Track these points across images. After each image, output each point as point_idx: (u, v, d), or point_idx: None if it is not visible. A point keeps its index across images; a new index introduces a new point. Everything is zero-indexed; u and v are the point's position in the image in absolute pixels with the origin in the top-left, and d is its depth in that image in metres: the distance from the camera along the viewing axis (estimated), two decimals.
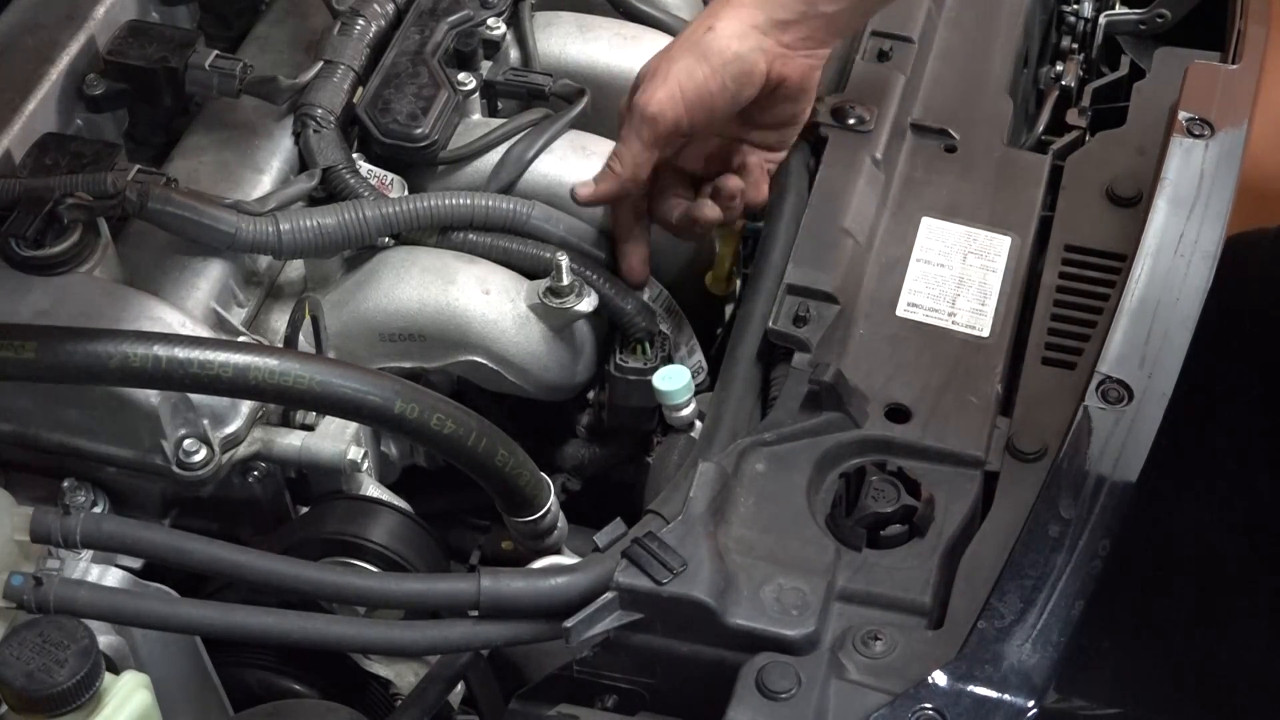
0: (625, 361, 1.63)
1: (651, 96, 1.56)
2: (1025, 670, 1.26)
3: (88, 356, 1.34)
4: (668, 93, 1.55)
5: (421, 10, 1.75)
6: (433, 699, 1.47)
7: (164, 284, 1.53)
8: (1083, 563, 1.31)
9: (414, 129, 1.64)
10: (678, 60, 1.56)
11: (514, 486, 1.46)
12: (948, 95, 1.74)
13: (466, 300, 1.59)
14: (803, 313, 1.52)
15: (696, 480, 1.38)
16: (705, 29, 1.56)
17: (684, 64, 1.56)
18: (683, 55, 1.56)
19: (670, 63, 1.56)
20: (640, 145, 1.58)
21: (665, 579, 1.31)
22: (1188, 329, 1.46)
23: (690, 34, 1.57)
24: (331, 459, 1.52)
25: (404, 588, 1.39)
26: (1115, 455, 1.38)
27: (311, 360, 1.39)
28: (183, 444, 1.46)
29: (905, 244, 1.59)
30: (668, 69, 1.56)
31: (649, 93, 1.56)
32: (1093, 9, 2.05)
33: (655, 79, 1.56)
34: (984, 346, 1.51)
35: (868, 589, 1.35)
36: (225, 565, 1.37)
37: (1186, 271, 1.50)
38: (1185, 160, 1.59)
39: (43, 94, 1.60)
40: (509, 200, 1.64)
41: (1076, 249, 1.60)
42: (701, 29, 1.56)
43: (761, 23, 1.55)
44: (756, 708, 1.26)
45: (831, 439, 1.43)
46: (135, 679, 1.29)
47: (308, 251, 1.57)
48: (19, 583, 1.31)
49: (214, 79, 1.62)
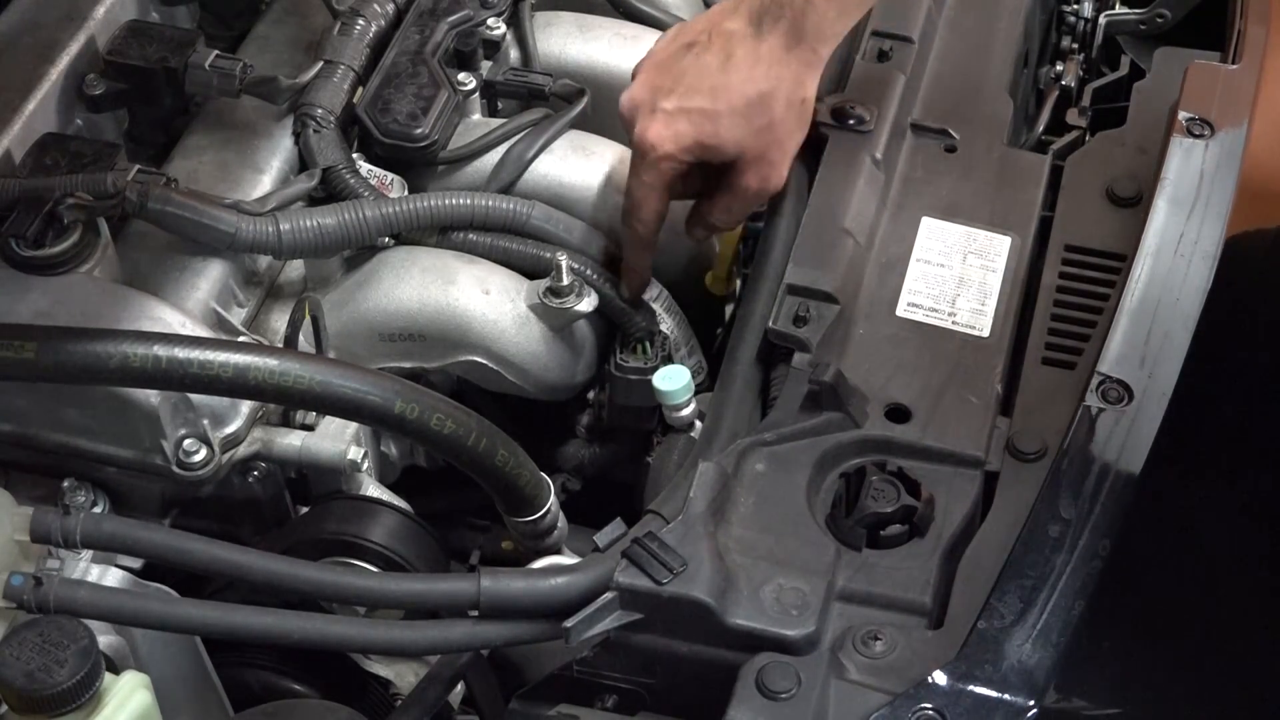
0: (625, 361, 1.63)
1: (780, 180, 1.58)
2: (1025, 670, 1.26)
3: (88, 356, 1.34)
4: (787, 170, 1.58)
5: (421, 10, 1.75)
6: (433, 699, 1.47)
7: (164, 284, 1.54)
8: (1083, 563, 1.31)
9: (414, 129, 1.64)
10: (793, 137, 1.56)
11: (514, 486, 1.46)
12: (948, 95, 1.74)
13: (466, 300, 1.59)
14: (803, 313, 1.51)
15: (696, 480, 1.38)
16: (800, 99, 1.54)
17: (796, 139, 1.57)
18: (795, 131, 1.56)
19: (785, 143, 1.56)
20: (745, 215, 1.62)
21: (665, 579, 1.31)
22: (1188, 329, 1.46)
23: (789, 104, 1.54)
24: (331, 459, 1.52)
25: (404, 588, 1.39)
26: (1115, 455, 1.38)
27: (311, 360, 1.39)
28: (183, 444, 1.47)
29: (905, 244, 1.59)
30: (783, 151, 1.56)
31: (778, 177, 1.57)
32: (1093, 9, 2.05)
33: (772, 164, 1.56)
34: (984, 346, 1.51)
35: (868, 589, 1.35)
36: (225, 565, 1.37)
37: (1186, 271, 1.50)
38: (1185, 160, 1.59)
39: (43, 94, 1.60)
40: (509, 200, 1.64)
41: (1076, 249, 1.60)
42: (797, 99, 1.54)
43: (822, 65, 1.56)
44: (756, 708, 1.26)
45: (831, 439, 1.43)
46: (135, 679, 1.29)
47: (308, 251, 1.57)
48: (19, 583, 1.31)
49: (214, 79, 1.63)
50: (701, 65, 1.54)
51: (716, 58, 1.53)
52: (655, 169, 1.55)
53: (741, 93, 1.52)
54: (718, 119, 1.53)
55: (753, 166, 1.55)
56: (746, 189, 1.57)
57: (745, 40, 1.53)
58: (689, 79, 1.54)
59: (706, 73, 1.53)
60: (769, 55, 1.52)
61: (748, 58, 1.52)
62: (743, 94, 1.52)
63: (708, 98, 1.53)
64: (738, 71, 1.52)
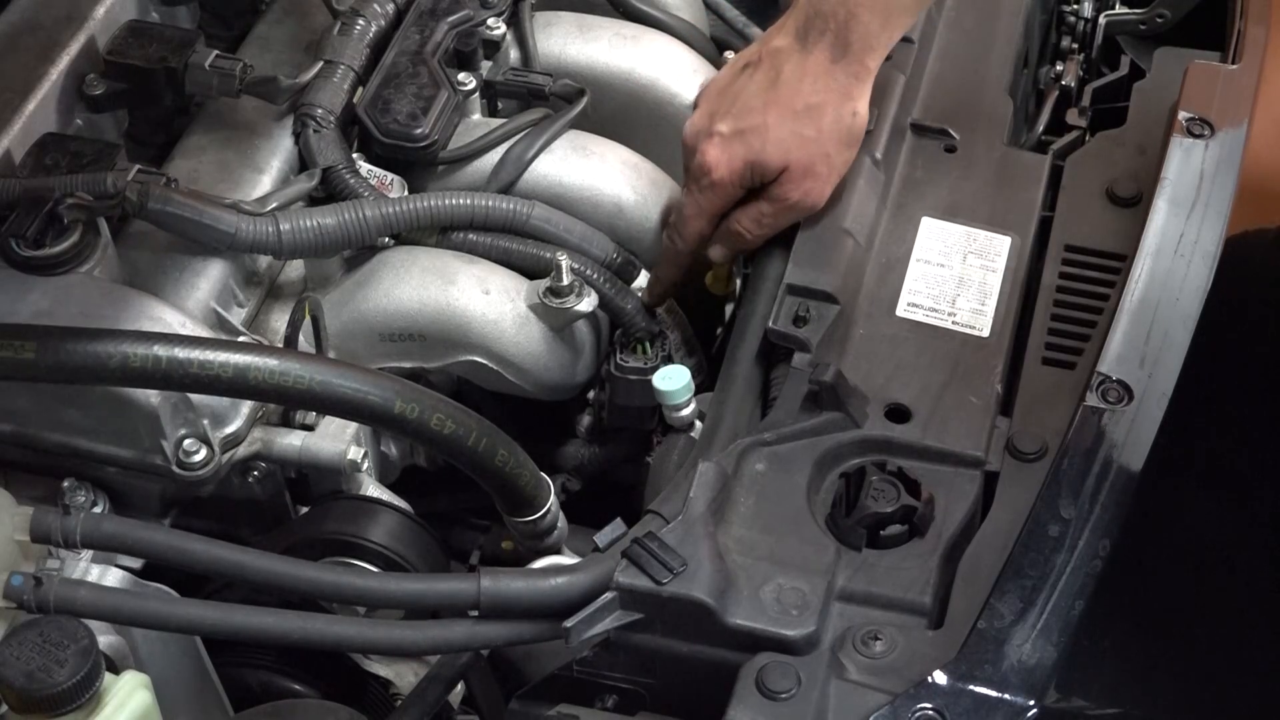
0: (625, 361, 1.63)
1: (822, 195, 1.56)
2: (1025, 670, 1.26)
3: (88, 356, 1.34)
4: (831, 189, 1.56)
5: (421, 10, 1.75)
6: (433, 699, 1.47)
7: (164, 284, 1.54)
8: (1083, 563, 1.31)
9: (414, 129, 1.64)
10: (840, 152, 1.55)
11: (514, 486, 1.46)
12: (948, 95, 1.74)
13: (466, 300, 1.59)
14: (803, 313, 1.51)
15: (696, 480, 1.38)
16: (850, 112, 1.54)
17: (844, 157, 1.56)
18: (843, 146, 1.55)
19: (832, 157, 1.55)
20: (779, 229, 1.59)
21: (665, 579, 1.31)
22: (1188, 329, 1.46)
23: (836, 117, 1.53)
24: (331, 459, 1.52)
25: (404, 588, 1.39)
26: (1115, 455, 1.38)
27: (311, 360, 1.39)
28: (183, 444, 1.47)
29: (905, 244, 1.59)
30: (829, 166, 1.55)
31: (821, 192, 1.55)
32: (1093, 9, 2.05)
33: (818, 178, 1.54)
34: (984, 346, 1.51)
35: (868, 589, 1.35)
36: (226, 565, 1.37)
37: (1186, 271, 1.50)
38: (1185, 160, 1.59)
39: (43, 94, 1.60)
40: (509, 200, 1.64)
41: (1076, 249, 1.60)
42: (846, 111, 1.53)
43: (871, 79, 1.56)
44: (756, 708, 1.26)
45: (831, 439, 1.43)
46: (135, 679, 1.29)
47: (308, 251, 1.57)
48: (19, 583, 1.31)
49: (214, 79, 1.63)
50: (753, 85, 1.56)
51: (766, 76, 1.55)
52: (710, 191, 1.57)
53: (789, 106, 1.53)
54: (765, 134, 1.53)
55: (797, 179, 1.55)
56: (786, 199, 1.55)
57: (792, 56, 1.54)
58: (742, 100, 1.56)
59: (757, 92, 1.55)
60: (815, 69, 1.53)
61: (795, 72, 1.53)
62: (790, 107, 1.53)
63: (758, 115, 1.54)
64: (786, 87, 1.53)
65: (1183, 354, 1.44)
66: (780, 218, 1.57)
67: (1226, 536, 1.43)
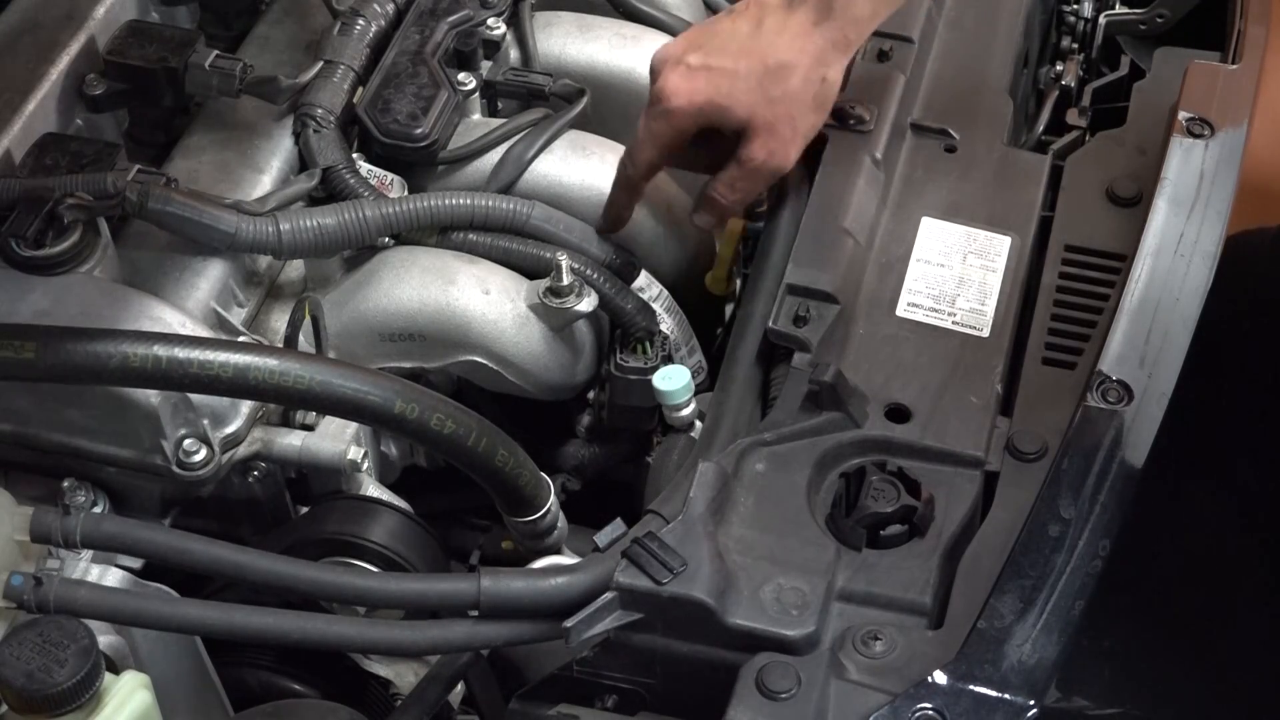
0: (625, 361, 1.63)
1: (787, 157, 1.57)
2: (1025, 670, 1.25)
3: (88, 356, 1.34)
4: (797, 151, 1.57)
5: (421, 10, 1.75)
6: (433, 699, 1.47)
7: (164, 284, 1.54)
8: (1083, 563, 1.31)
9: (414, 129, 1.64)
10: (806, 116, 1.56)
11: (514, 486, 1.46)
12: (948, 95, 1.74)
13: (466, 300, 1.59)
14: (803, 313, 1.51)
15: (696, 480, 1.38)
16: (821, 78, 1.55)
17: (811, 121, 1.57)
18: (809, 110, 1.56)
19: (797, 119, 1.56)
20: (752, 193, 1.61)
21: (665, 579, 1.31)
22: (1188, 329, 1.46)
23: (807, 79, 1.54)
24: (331, 459, 1.52)
25: (404, 588, 1.39)
26: (1115, 455, 1.38)
27: (311, 360, 1.39)
28: (183, 444, 1.47)
29: (905, 244, 1.59)
30: (794, 128, 1.56)
31: (785, 154, 1.56)
32: (1093, 9, 2.05)
33: (781, 139, 1.56)
34: (984, 346, 1.51)
35: (868, 589, 1.35)
36: (226, 565, 1.37)
37: (1186, 271, 1.50)
38: (1185, 160, 1.59)
39: (43, 94, 1.60)
40: (509, 200, 1.64)
41: (1076, 249, 1.60)
42: (816, 75, 1.55)
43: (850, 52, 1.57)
44: (756, 708, 1.26)
45: (831, 439, 1.43)
46: (135, 679, 1.29)
47: (308, 251, 1.57)
48: (19, 583, 1.32)
49: (214, 79, 1.63)
50: (734, 29, 1.57)
51: (748, 24, 1.56)
52: (664, 119, 1.57)
53: (761, 59, 1.54)
54: (734, 79, 1.55)
55: (761, 137, 1.55)
56: (752, 160, 1.56)
57: (777, 11, 1.55)
58: (719, 40, 1.57)
59: (736, 36, 1.56)
60: (795, 27, 1.54)
61: (775, 26, 1.55)
62: (762, 59, 1.54)
63: (730, 58, 1.55)
64: (764, 38, 1.55)
65: (1183, 354, 1.44)
66: (750, 180, 1.58)
67: (1226, 536, 1.43)
